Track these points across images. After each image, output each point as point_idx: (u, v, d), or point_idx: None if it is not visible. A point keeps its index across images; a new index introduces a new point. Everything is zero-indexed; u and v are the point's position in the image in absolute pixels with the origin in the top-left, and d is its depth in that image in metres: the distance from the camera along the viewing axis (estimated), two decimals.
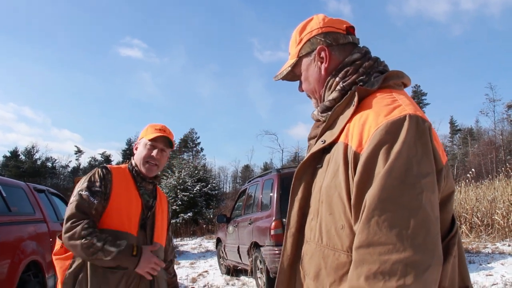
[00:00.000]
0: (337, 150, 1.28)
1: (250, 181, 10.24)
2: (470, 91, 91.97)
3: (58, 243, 2.36)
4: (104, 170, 2.38)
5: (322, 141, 1.36)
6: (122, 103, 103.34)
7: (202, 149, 68.94)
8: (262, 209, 7.94)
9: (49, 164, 62.52)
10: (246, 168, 70.15)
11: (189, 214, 22.32)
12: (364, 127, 1.21)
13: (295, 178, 1.44)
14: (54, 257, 2.35)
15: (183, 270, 10.74)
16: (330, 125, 1.37)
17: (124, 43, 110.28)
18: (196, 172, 24.72)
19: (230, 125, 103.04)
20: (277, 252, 6.90)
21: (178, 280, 2.88)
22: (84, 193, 2.26)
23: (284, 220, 7.03)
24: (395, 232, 1.08)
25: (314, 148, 1.39)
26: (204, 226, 22.60)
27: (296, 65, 1.52)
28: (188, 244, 18.30)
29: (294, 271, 1.43)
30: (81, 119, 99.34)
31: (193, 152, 66.45)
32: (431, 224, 1.10)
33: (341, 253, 1.23)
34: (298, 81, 1.59)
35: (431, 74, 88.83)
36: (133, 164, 2.50)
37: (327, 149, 1.34)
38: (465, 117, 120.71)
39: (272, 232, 7.04)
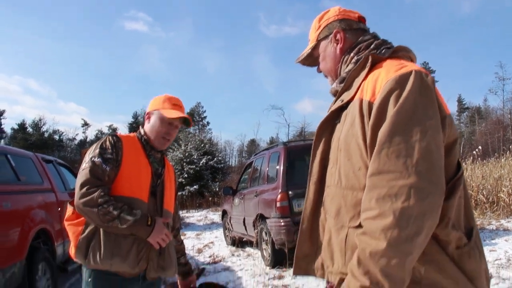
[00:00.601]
0: (353, 105, 1.46)
1: (256, 154, 10.27)
2: (479, 70, 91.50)
3: (69, 209, 2.39)
4: (114, 137, 2.39)
5: (340, 100, 1.55)
6: (127, 76, 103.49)
7: (208, 123, 69.15)
8: (268, 182, 7.99)
9: (56, 137, 62.85)
10: (252, 142, 70.21)
11: (195, 187, 22.50)
12: (376, 82, 1.40)
13: (316, 134, 1.65)
14: (66, 223, 2.38)
15: (189, 241, 10.88)
16: (347, 87, 1.56)
17: (129, 16, 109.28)
18: (202, 145, 24.80)
19: (236, 99, 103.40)
20: (282, 224, 6.97)
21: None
22: (97, 159, 2.27)
23: (290, 192, 7.09)
24: (401, 162, 1.26)
25: (333, 107, 1.58)
26: (210, 198, 22.78)
27: (315, 47, 1.75)
28: (194, 216, 18.49)
29: (317, 215, 1.63)
30: (87, 92, 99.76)
31: (199, 126, 66.53)
32: (434, 159, 1.27)
33: (359, 191, 1.40)
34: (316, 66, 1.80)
35: (440, 51, 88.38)
36: (142, 133, 2.50)
37: (344, 107, 1.53)
38: (473, 96, 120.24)
39: (278, 204, 7.10)
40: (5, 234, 4.44)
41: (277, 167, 7.65)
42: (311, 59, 1.80)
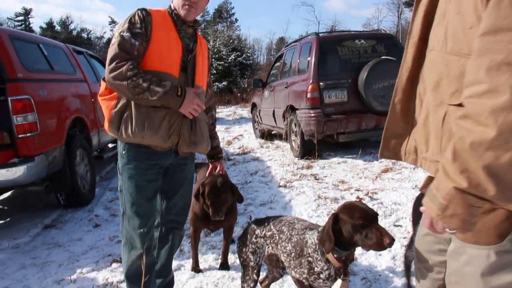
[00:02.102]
0: None
1: (287, 46, 10.04)
2: None
3: (102, 85, 2.41)
4: (144, 12, 2.32)
5: None
6: None
7: (236, 19, 67.25)
8: (299, 73, 7.88)
9: (84, 35, 62.50)
10: (281, 40, 68.42)
11: (223, 83, 22.47)
12: None
13: None
14: (99, 98, 2.41)
15: (218, 134, 11.07)
16: None
17: None
18: (230, 41, 24.36)
19: None
20: (312, 115, 6.98)
21: None
22: (125, 34, 2.24)
23: (321, 83, 7.01)
24: None
25: None
26: (239, 95, 22.85)
27: None
28: (222, 111, 18.69)
29: (414, 86, 1.38)
30: None
31: (227, 23, 64.92)
32: None
33: (467, 58, 1.09)
34: None
35: None
36: (172, 8, 2.43)
37: None
38: None
39: (309, 95, 7.06)
40: (43, 120, 4.59)
41: (309, 58, 7.49)
42: None
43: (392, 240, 1.91)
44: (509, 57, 0.93)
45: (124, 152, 2.39)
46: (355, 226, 1.95)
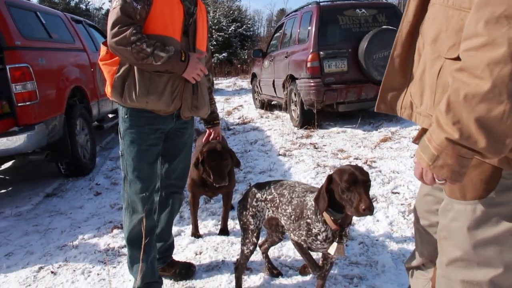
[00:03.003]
0: None
1: (287, 15, 9.93)
2: None
3: (103, 49, 2.38)
4: None
5: None
6: None
7: None
8: (299, 43, 7.82)
9: (83, 6, 61.63)
10: (282, 12, 67.38)
11: (224, 54, 22.29)
12: None
13: None
14: (100, 63, 2.39)
15: (218, 105, 10.91)
16: None
17: None
18: (231, 12, 24.06)
19: None
20: (312, 84, 6.97)
21: None
22: None
23: (321, 53, 6.97)
24: None
25: None
26: (239, 66, 22.69)
27: None
28: (222, 83, 18.64)
29: (414, 41, 1.38)
30: None
31: None
32: None
33: (467, 12, 1.09)
34: None
35: None
36: None
37: None
38: None
39: (309, 64, 7.03)
40: (43, 89, 4.58)
41: (309, 27, 7.42)
42: None
43: (368, 207, 1.88)
44: (509, 10, 0.93)
45: (126, 116, 2.39)
46: (341, 188, 1.96)
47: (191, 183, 3.31)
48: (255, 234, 2.46)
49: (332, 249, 2.11)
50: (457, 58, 1.10)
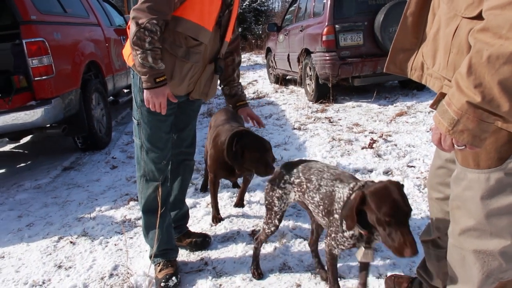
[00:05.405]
0: None
1: None
2: None
3: None
4: None
5: None
6: None
7: None
8: (314, 16, 7.71)
9: None
10: None
11: (238, 29, 22.16)
12: None
13: None
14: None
15: None
16: None
17: None
18: None
19: None
20: (327, 58, 6.89)
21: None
22: None
23: (336, 26, 6.88)
24: None
25: None
26: (253, 41, 22.56)
27: None
28: None
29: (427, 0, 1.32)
30: None
31: None
32: None
33: None
34: None
35: None
36: None
37: None
38: None
39: (324, 38, 6.94)
40: (59, 63, 4.62)
41: (324, 0, 7.31)
42: None
43: (413, 253, 1.63)
44: None
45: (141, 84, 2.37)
46: (379, 220, 1.71)
47: (214, 165, 3.10)
48: (277, 217, 2.37)
49: (359, 255, 1.96)
50: (475, 17, 1.05)
